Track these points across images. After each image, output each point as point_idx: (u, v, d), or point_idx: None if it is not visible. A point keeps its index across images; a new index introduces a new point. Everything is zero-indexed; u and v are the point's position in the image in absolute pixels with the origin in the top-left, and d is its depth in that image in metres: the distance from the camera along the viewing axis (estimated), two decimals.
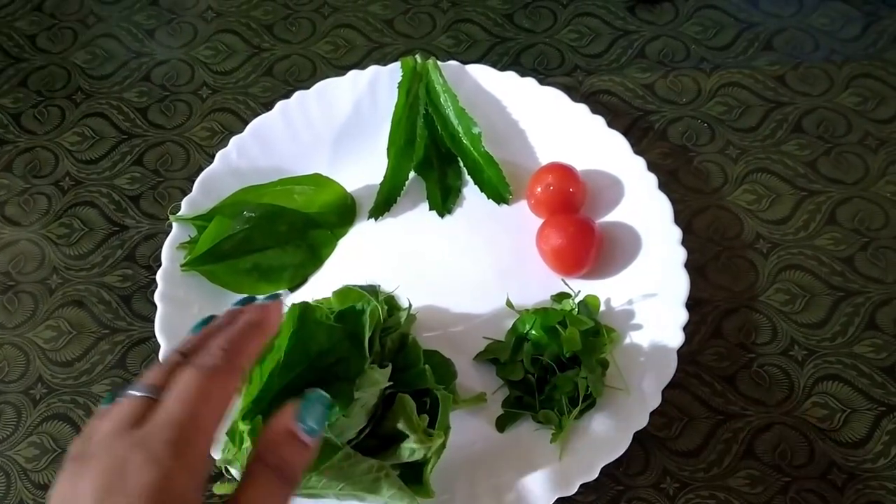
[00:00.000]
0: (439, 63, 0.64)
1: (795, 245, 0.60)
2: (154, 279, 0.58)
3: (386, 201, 0.61)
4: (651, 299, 0.55)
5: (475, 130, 0.62)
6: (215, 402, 0.33)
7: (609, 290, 0.57)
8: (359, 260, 0.60)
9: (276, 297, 0.42)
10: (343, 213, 0.62)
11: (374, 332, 0.50)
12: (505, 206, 0.61)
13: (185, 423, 0.32)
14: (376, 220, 0.61)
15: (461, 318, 0.57)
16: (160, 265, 0.57)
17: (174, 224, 0.58)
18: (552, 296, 0.57)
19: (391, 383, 0.48)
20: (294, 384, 0.48)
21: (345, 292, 0.55)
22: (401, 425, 0.47)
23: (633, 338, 0.54)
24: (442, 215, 0.61)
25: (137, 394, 0.33)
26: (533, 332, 0.54)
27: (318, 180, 0.62)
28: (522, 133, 0.64)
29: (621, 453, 0.50)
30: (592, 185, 0.60)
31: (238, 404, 0.47)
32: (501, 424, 0.53)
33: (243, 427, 0.46)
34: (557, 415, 0.51)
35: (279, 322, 0.39)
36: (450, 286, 0.58)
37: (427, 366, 0.51)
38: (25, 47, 0.74)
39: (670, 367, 0.52)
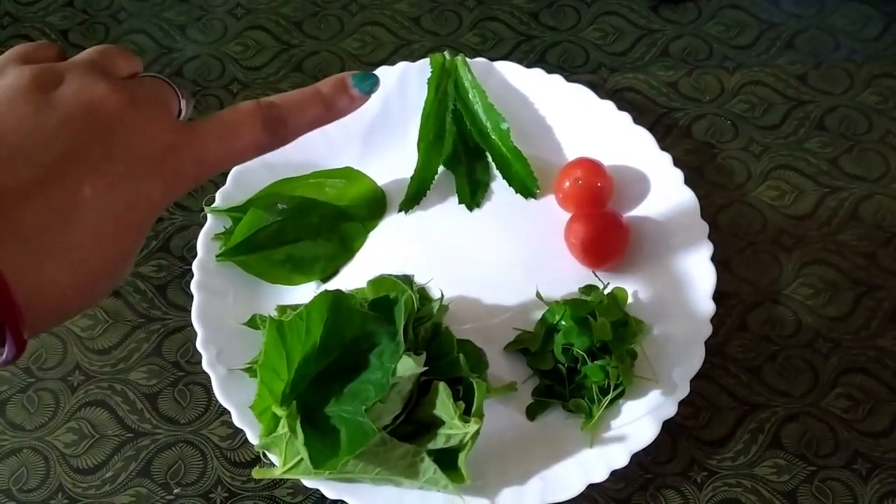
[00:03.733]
0: (467, 60, 0.65)
1: (819, 240, 0.61)
2: (188, 269, 0.60)
3: (416, 195, 0.63)
4: (678, 292, 0.56)
5: (503, 126, 0.63)
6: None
7: (636, 283, 0.58)
8: (389, 252, 0.61)
9: (370, 87, 0.37)
10: (373, 206, 0.63)
11: (408, 321, 0.51)
12: (532, 200, 0.62)
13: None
14: (406, 213, 0.62)
15: (491, 309, 0.58)
16: (194, 255, 0.58)
17: (209, 215, 0.60)
18: (580, 288, 0.58)
19: (426, 368, 0.49)
20: (329, 370, 0.49)
21: (379, 281, 0.56)
22: (437, 411, 0.48)
23: (662, 329, 0.55)
24: (471, 209, 0.62)
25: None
26: (563, 322, 0.55)
27: (349, 174, 0.63)
28: (549, 129, 0.65)
29: (650, 441, 0.51)
30: (619, 180, 0.61)
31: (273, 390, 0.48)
32: (532, 413, 0.54)
33: (280, 412, 0.48)
34: (588, 403, 0.52)
35: (343, 111, 0.37)
36: (479, 278, 0.59)
37: (461, 354, 0.52)
38: (58, 42, 0.75)
39: (698, 358, 0.53)
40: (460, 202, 0.63)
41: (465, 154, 0.64)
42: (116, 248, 0.30)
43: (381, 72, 0.65)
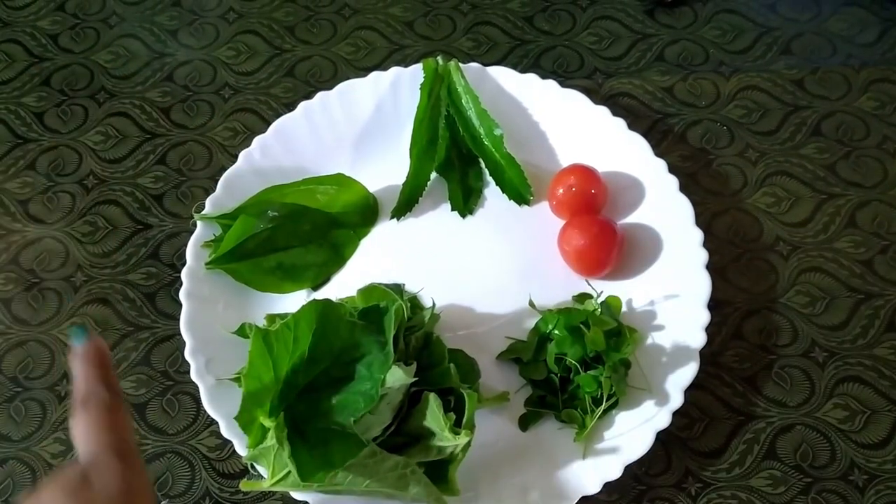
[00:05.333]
0: (461, 65, 0.64)
1: (815, 248, 0.61)
2: (177, 277, 0.59)
3: (408, 201, 0.62)
4: (672, 300, 0.56)
5: (497, 132, 0.62)
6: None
7: (630, 291, 0.57)
8: (381, 259, 0.60)
9: (82, 333, 0.38)
10: (365, 212, 0.62)
11: (399, 331, 0.51)
12: (526, 207, 0.62)
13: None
14: (398, 220, 0.62)
15: (483, 317, 0.58)
16: (184, 263, 0.58)
17: (199, 222, 0.59)
18: (574, 296, 0.57)
19: (416, 378, 0.48)
20: (318, 380, 0.49)
21: (369, 290, 0.55)
22: (427, 423, 0.48)
23: (655, 338, 0.55)
24: (463, 216, 0.62)
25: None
26: (556, 332, 0.54)
27: (340, 180, 0.62)
28: (543, 135, 0.64)
29: (644, 453, 0.50)
30: (613, 186, 0.61)
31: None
32: (524, 423, 0.53)
33: (269, 423, 0.47)
34: (581, 414, 0.52)
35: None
36: (472, 286, 0.59)
37: (452, 364, 0.51)
38: (48, 46, 0.74)
39: (692, 368, 0.52)
40: (453, 209, 0.62)
41: (457, 160, 0.64)
42: None
43: (374, 77, 0.65)
